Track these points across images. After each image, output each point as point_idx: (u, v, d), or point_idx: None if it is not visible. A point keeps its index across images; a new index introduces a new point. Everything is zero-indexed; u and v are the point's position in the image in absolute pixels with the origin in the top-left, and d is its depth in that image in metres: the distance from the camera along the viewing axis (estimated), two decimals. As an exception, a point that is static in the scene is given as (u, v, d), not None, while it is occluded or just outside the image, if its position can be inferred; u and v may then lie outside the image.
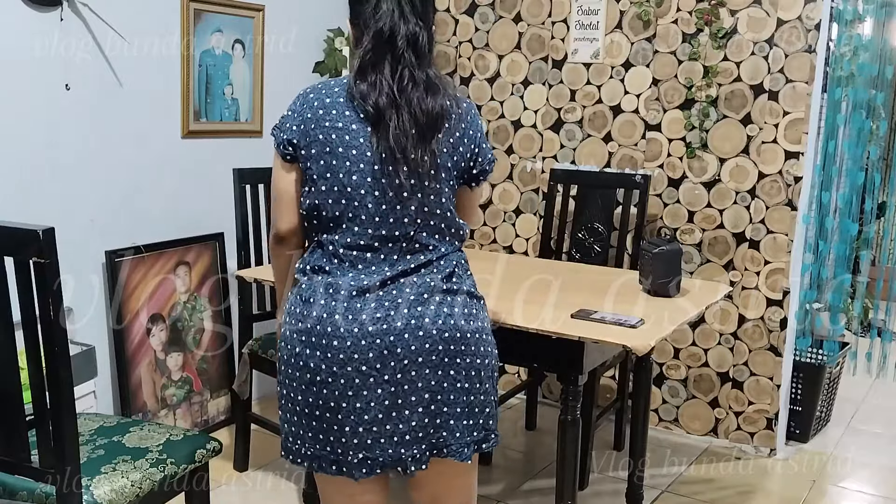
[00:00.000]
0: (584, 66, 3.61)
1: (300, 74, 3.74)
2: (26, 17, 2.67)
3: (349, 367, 1.67)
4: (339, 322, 1.68)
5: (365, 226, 1.70)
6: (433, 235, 1.75)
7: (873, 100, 3.39)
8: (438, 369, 1.70)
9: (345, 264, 1.72)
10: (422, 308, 1.69)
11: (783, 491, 3.12)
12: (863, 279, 3.78)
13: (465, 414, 1.74)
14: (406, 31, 1.69)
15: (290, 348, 1.75)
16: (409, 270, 1.72)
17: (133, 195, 3.09)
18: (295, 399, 1.75)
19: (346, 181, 1.69)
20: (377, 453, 1.71)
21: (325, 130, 1.70)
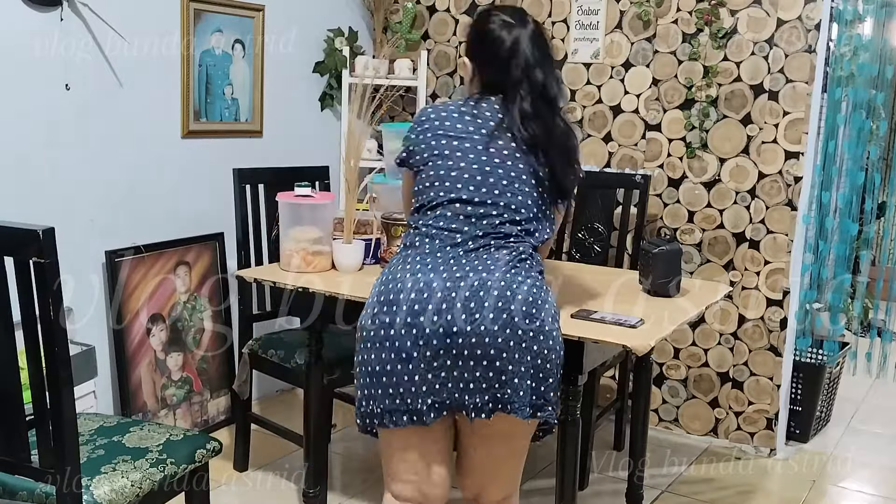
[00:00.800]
0: (584, 66, 3.61)
1: (300, 74, 3.74)
2: (26, 17, 2.67)
3: (421, 317, 1.81)
4: (419, 280, 1.85)
5: (458, 211, 1.94)
6: (528, 237, 1.97)
7: (873, 100, 3.39)
8: (507, 328, 1.80)
9: (435, 241, 1.93)
10: (498, 274, 1.85)
11: (783, 491, 3.12)
12: (863, 279, 3.77)
13: (529, 375, 1.83)
14: (552, 83, 1.98)
15: (369, 311, 1.90)
16: (490, 247, 1.91)
17: (133, 195, 3.09)
18: (369, 359, 1.88)
19: (451, 180, 1.97)
20: (444, 396, 1.84)
21: (438, 138, 1.99)
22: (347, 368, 2.84)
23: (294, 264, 2.65)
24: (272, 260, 3.08)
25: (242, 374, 3.00)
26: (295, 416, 3.31)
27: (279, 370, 2.93)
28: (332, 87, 3.87)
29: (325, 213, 2.71)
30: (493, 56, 1.99)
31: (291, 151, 3.67)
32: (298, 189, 2.70)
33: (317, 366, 2.63)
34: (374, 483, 3.05)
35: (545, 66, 1.97)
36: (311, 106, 3.84)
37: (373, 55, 3.96)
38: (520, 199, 1.94)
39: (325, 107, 3.88)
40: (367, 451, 3.34)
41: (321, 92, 3.86)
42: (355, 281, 2.57)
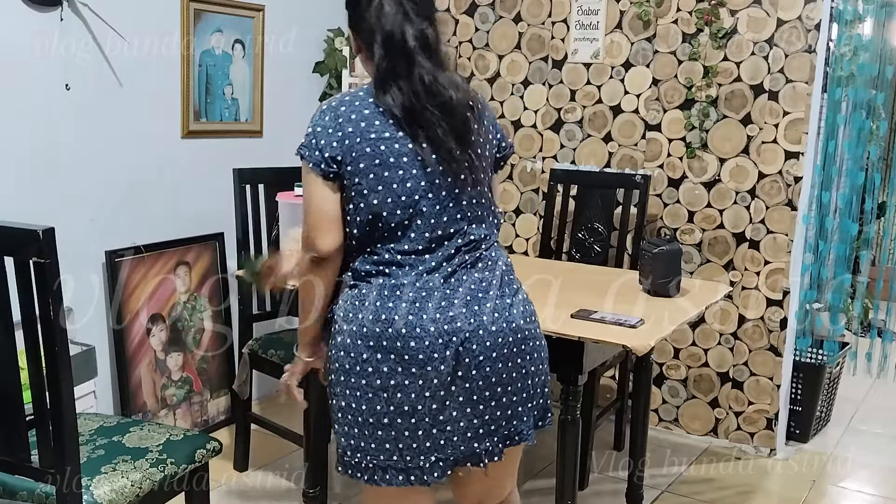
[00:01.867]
0: (584, 66, 3.61)
1: (300, 74, 3.74)
2: (26, 17, 2.67)
3: (428, 367, 1.64)
4: (412, 322, 1.64)
5: (422, 229, 1.70)
6: (481, 225, 1.76)
7: (873, 100, 3.39)
8: (509, 361, 1.71)
9: (404, 267, 1.69)
10: (490, 304, 1.70)
11: (783, 491, 3.12)
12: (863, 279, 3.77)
13: (529, 397, 1.77)
14: (413, 31, 1.68)
15: (353, 356, 1.68)
16: (466, 264, 1.72)
17: (133, 195, 3.09)
18: (358, 409, 1.68)
19: (401, 189, 1.68)
20: (449, 452, 1.71)
21: (371, 143, 1.68)
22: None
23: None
24: (272, 260, 3.07)
25: (242, 374, 3.00)
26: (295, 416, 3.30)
27: (279, 370, 2.91)
28: (332, 87, 3.87)
29: (325, 213, 2.71)
30: (360, 20, 1.72)
31: (291, 151, 3.64)
32: (298, 189, 2.70)
33: (317, 366, 2.63)
34: (374, 483, 3.05)
35: (403, 16, 1.68)
36: (311, 106, 3.83)
37: (373, 55, 3.96)
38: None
39: (325, 107, 3.88)
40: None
41: (321, 92, 3.86)
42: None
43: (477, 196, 1.74)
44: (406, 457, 1.68)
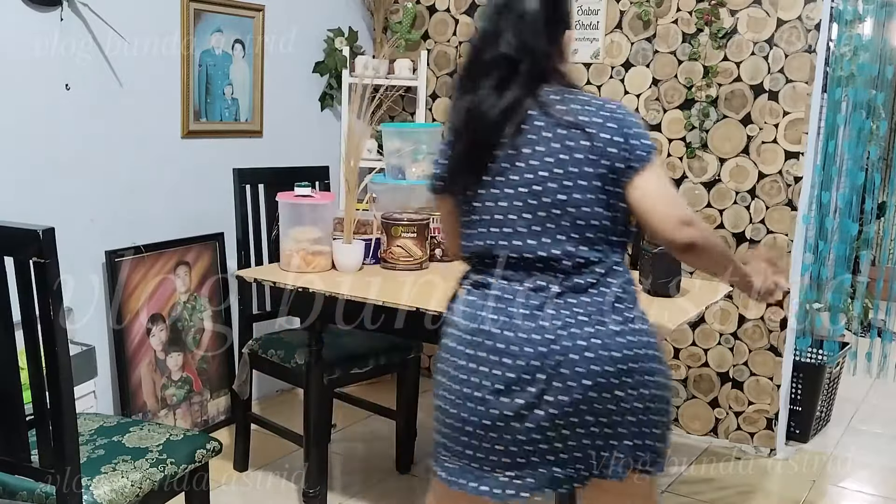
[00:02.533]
0: (584, 66, 3.61)
1: (300, 74, 3.74)
2: (26, 17, 2.67)
3: (516, 387, 1.62)
4: (513, 338, 1.63)
5: (524, 236, 1.66)
6: (593, 247, 1.66)
7: (873, 100, 3.39)
8: (613, 390, 1.63)
9: (512, 282, 1.68)
10: (593, 329, 1.63)
11: (783, 491, 3.12)
12: (863, 279, 3.78)
13: (626, 435, 1.67)
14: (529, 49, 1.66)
15: (453, 360, 1.69)
16: (579, 285, 1.65)
17: (133, 195, 3.09)
18: (451, 411, 1.70)
19: (502, 195, 1.68)
20: (527, 472, 1.66)
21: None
22: (347, 368, 2.85)
23: (294, 264, 2.65)
24: (272, 260, 3.08)
25: (242, 374, 3.00)
26: (295, 416, 3.31)
27: (279, 370, 2.93)
28: (332, 87, 3.87)
29: (325, 213, 2.71)
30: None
31: (291, 151, 3.68)
32: (298, 189, 2.70)
33: (317, 366, 2.63)
34: (374, 483, 3.05)
35: (513, 18, 1.66)
36: (311, 106, 3.84)
37: (373, 55, 3.96)
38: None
39: (325, 107, 3.88)
40: (367, 451, 3.35)
41: (321, 92, 3.86)
42: (355, 281, 2.57)
43: (584, 216, 1.64)
44: (484, 466, 1.67)
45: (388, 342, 2.96)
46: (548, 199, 1.64)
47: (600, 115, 1.65)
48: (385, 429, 3.35)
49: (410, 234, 2.72)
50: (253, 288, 3.06)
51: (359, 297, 2.40)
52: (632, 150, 1.63)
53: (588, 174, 1.63)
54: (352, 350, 2.90)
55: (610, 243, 1.69)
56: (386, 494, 2.97)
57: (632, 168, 1.63)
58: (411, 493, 3.00)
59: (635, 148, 1.63)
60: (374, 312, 2.40)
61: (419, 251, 2.75)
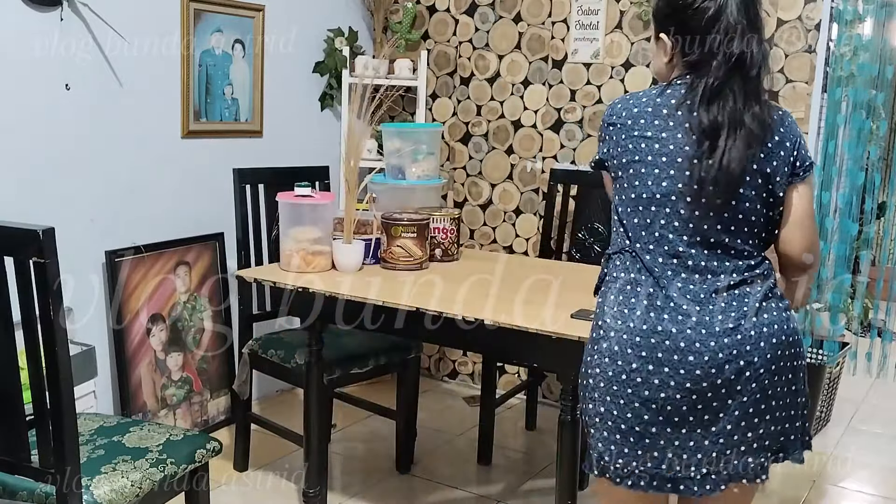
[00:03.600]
0: (584, 66, 3.61)
1: (300, 74, 3.74)
2: (26, 17, 2.67)
3: (705, 382, 1.63)
4: (691, 336, 1.63)
5: (681, 231, 1.67)
6: (748, 241, 1.69)
7: (873, 100, 3.39)
8: (783, 375, 1.68)
9: (668, 272, 1.68)
10: (767, 316, 1.67)
11: (783, 491, 3.12)
12: (863, 279, 3.78)
13: (797, 415, 1.74)
14: (756, 53, 1.66)
15: (621, 363, 1.67)
16: (740, 279, 1.68)
17: (133, 195, 3.09)
18: (621, 416, 1.68)
19: (656, 189, 1.68)
20: (721, 466, 1.68)
21: (634, 140, 1.71)
22: (347, 368, 2.85)
23: (294, 264, 2.65)
24: (272, 260, 3.08)
25: (242, 374, 3.00)
26: (295, 416, 3.31)
27: (279, 370, 2.93)
28: (332, 87, 3.87)
29: (325, 213, 2.71)
30: (692, 27, 1.69)
31: (291, 151, 3.68)
32: (298, 189, 2.70)
33: (317, 366, 2.63)
34: (374, 483, 3.05)
35: (748, 35, 1.66)
36: (311, 106, 3.84)
37: (373, 55, 3.96)
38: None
39: (325, 107, 3.88)
40: (367, 451, 3.35)
41: (321, 92, 3.86)
42: (355, 281, 2.57)
43: (745, 210, 1.68)
44: (676, 466, 1.67)
45: (388, 342, 2.96)
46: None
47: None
48: (385, 429, 3.35)
49: (410, 234, 2.72)
50: (253, 288, 3.06)
51: (359, 297, 2.41)
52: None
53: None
54: (352, 350, 2.90)
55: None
56: (386, 494, 2.97)
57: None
58: (411, 493, 3.00)
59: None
60: (374, 312, 2.40)
61: (419, 251, 2.75)
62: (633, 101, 1.75)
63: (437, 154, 3.28)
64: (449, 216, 2.90)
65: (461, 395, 3.96)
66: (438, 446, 3.37)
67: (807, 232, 1.74)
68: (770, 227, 1.73)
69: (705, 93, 1.65)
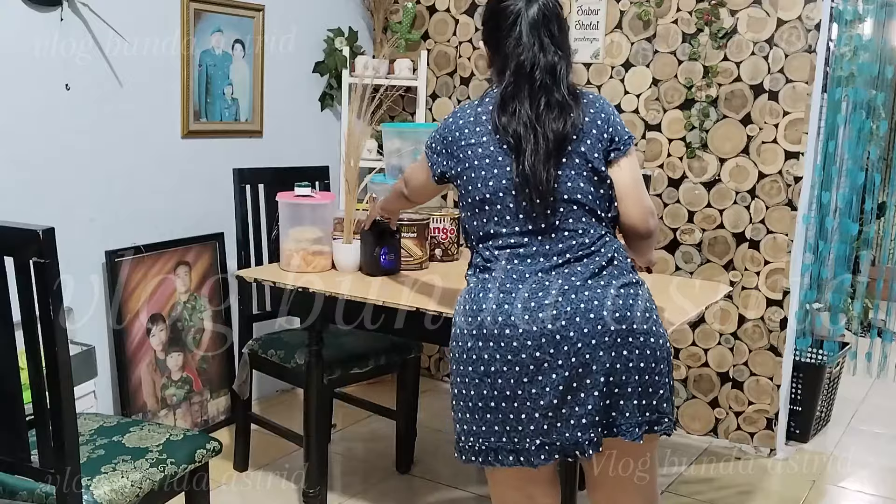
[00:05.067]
0: (584, 66, 3.61)
1: (300, 74, 3.74)
2: (26, 17, 2.67)
3: (522, 353, 1.74)
4: (509, 312, 1.76)
5: (512, 224, 1.82)
6: (580, 220, 1.82)
7: (873, 100, 3.39)
8: (612, 350, 1.75)
9: (501, 262, 1.82)
10: (589, 293, 1.76)
11: (783, 491, 3.12)
12: (863, 279, 3.77)
13: (638, 394, 1.78)
14: (545, 62, 1.81)
15: (461, 345, 1.83)
16: (569, 258, 1.80)
17: (133, 195, 3.09)
18: (468, 394, 1.82)
19: (485, 190, 1.83)
20: (554, 437, 1.76)
21: (462, 149, 1.87)
22: (347, 368, 2.85)
23: (294, 264, 2.65)
24: (272, 260, 3.08)
25: (242, 374, 3.00)
26: (295, 416, 3.31)
27: (279, 370, 2.93)
28: (332, 87, 3.87)
29: (325, 213, 2.71)
30: (495, 37, 1.86)
31: (291, 151, 3.68)
32: (298, 189, 2.70)
33: (317, 366, 2.63)
34: (374, 483, 3.05)
35: (544, 44, 1.81)
36: (311, 106, 3.84)
37: (373, 55, 3.96)
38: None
39: (325, 107, 3.88)
40: (367, 451, 3.35)
41: (321, 92, 3.86)
42: (355, 281, 2.57)
43: (570, 191, 1.80)
44: (514, 438, 1.77)
45: (388, 342, 2.96)
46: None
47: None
48: (385, 429, 3.35)
49: (410, 234, 2.72)
50: (253, 288, 3.06)
51: (359, 297, 2.41)
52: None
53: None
54: (352, 350, 2.90)
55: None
56: (386, 494, 2.97)
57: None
58: (411, 493, 3.00)
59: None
60: (374, 312, 2.40)
61: (419, 251, 2.75)
62: (460, 114, 1.91)
63: (437, 154, 3.28)
64: (449, 216, 2.90)
65: (461, 395, 3.95)
66: (438, 446, 3.37)
67: (637, 201, 1.87)
68: (605, 203, 1.85)
69: (498, 102, 1.82)
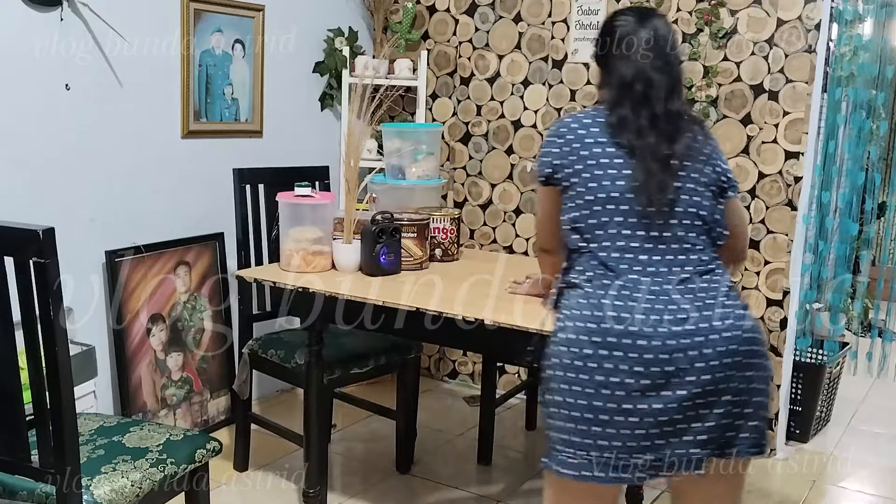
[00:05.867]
0: (584, 66, 3.61)
1: (300, 74, 3.74)
2: (26, 17, 2.67)
3: (653, 367, 1.68)
4: (641, 323, 1.70)
5: (632, 230, 1.79)
6: (699, 236, 1.82)
7: (873, 100, 3.39)
8: (739, 371, 1.72)
9: (621, 268, 1.77)
10: (720, 311, 1.74)
11: (783, 491, 3.12)
12: (863, 279, 3.77)
13: (753, 415, 1.77)
14: (657, 80, 1.84)
15: (576, 352, 1.73)
16: (691, 272, 1.78)
17: (133, 195, 3.09)
18: (575, 404, 1.72)
19: (610, 189, 1.81)
20: (664, 452, 1.71)
21: (587, 147, 1.86)
22: (347, 368, 2.85)
23: (294, 264, 2.65)
24: (272, 260, 3.08)
25: (242, 374, 3.00)
26: (295, 416, 3.31)
27: (279, 370, 2.93)
28: (332, 87, 3.87)
29: (325, 213, 2.71)
30: (606, 55, 1.93)
31: (291, 151, 3.68)
32: (298, 189, 2.70)
33: (317, 366, 2.63)
34: (374, 483, 3.05)
35: (660, 66, 1.86)
36: (311, 106, 3.84)
37: (373, 55, 3.96)
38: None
39: (325, 107, 3.88)
40: (367, 451, 3.35)
41: (321, 92, 3.86)
42: (355, 281, 2.57)
43: (695, 204, 1.82)
44: (621, 454, 1.70)
45: (388, 342, 2.96)
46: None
47: None
48: (385, 429, 3.35)
49: (410, 234, 2.72)
50: (253, 288, 3.06)
51: (359, 297, 2.41)
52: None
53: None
54: (352, 350, 2.90)
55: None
56: (386, 494, 2.97)
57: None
58: (411, 493, 3.00)
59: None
60: (374, 312, 2.40)
61: (419, 251, 2.75)
62: (572, 120, 1.92)
63: (437, 154, 3.28)
64: (449, 216, 2.90)
65: (461, 395, 3.96)
66: (438, 446, 3.37)
67: (747, 231, 2.06)
68: (718, 225, 1.86)
69: (621, 122, 1.84)
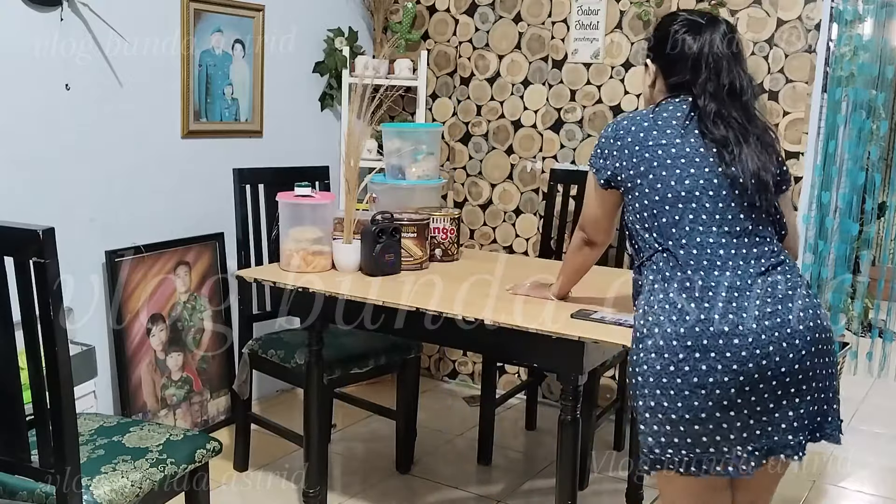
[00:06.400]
0: (584, 66, 3.61)
1: (300, 74, 3.74)
2: (26, 17, 2.67)
3: (750, 363, 1.70)
4: (735, 321, 1.72)
5: (708, 225, 1.81)
6: (770, 227, 1.86)
7: (873, 100, 3.38)
8: (823, 357, 1.78)
9: (701, 265, 1.79)
10: (801, 302, 1.77)
11: (783, 491, 3.10)
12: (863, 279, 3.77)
13: (832, 399, 1.83)
14: (745, 82, 1.90)
15: (668, 357, 1.74)
16: (767, 265, 1.80)
17: (133, 195, 3.09)
18: (671, 407, 1.74)
19: (680, 187, 1.83)
20: (763, 441, 1.76)
21: (649, 148, 1.88)
22: (347, 368, 2.85)
23: (294, 264, 2.65)
24: (272, 260, 3.08)
25: (242, 374, 3.00)
26: (295, 416, 3.31)
27: (279, 370, 2.93)
28: (332, 87, 3.87)
29: (325, 213, 2.71)
30: (679, 58, 1.93)
31: (291, 151, 3.68)
32: (298, 189, 2.70)
33: (317, 366, 2.63)
34: (374, 483, 3.05)
35: (733, 65, 1.91)
36: (311, 106, 3.84)
37: (373, 55, 3.96)
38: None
39: (325, 107, 3.88)
40: (367, 451, 3.35)
41: (321, 92, 3.86)
42: (355, 281, 2.57)
43: (765, 202, 1.85)
44: (723, 448, 1.74)
45: (388, 342, 2.96)
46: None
47: None
48: (385, 429, 3.36)
49: (410, 234, 2.72)
50: (253, 288, 3.06)
51: (359, 297, 2.41)
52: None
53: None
54: (352, 350, 2.90)
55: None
56: (386, 494, 2.97)
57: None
58: (411, 493, 3.00)
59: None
60: (374, 312, 2.41)
61: (419, 251, 2.75)
62: (636, 118, 1.94)
63: (437, 154, 3.28)
64: (449, 216, 2.90)
65: (461, 395, 3.96)
66: (438, 446, 3.38)
67: (797, 232, 2.08)
68: (782, 218, 1.90)
69: (709, 114, 1.85)
